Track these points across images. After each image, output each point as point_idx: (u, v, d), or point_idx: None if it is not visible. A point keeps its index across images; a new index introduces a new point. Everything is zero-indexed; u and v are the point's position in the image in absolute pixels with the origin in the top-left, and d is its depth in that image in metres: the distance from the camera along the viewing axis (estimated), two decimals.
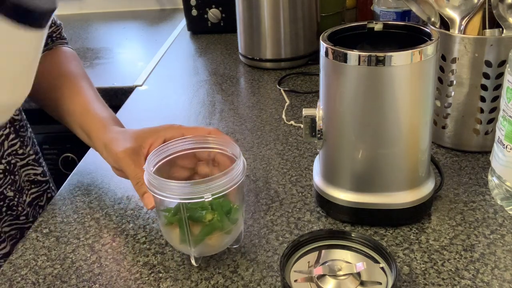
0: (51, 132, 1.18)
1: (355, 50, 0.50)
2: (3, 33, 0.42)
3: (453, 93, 0.69)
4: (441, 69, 0.69)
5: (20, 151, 0.76)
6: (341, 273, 0.47)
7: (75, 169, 0.77)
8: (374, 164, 0.55)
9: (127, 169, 0.58)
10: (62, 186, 0.72)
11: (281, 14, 1.06)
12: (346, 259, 0.49)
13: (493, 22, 0.67)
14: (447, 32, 0.68)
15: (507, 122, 0.56)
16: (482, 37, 0.66)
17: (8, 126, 0.73)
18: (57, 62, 0.79)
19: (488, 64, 0.65)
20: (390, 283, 0.46)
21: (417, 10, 0.70)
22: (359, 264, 0.47)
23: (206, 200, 0.49)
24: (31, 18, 0.43)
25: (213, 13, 1.36)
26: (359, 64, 0.50)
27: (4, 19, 0.41)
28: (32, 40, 0.46)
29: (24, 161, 0.77)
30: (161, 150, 0.55)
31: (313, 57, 1.12)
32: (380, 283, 0.47)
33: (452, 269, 0.52)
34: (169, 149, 0.56)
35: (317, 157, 0.63)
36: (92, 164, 0.77)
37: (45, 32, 0.46)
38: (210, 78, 1.08)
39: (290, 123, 0.85)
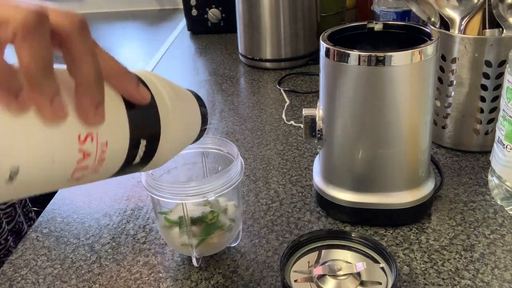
0: None
1: (355, 50, 0.50)
2: None
3: (453, 93, 0.69)
4: (441, 69, 0.69)
5: None
6: (341, 273, 0.47)
7: None
8: (374, 164, 0.55)
9: None
10: None
11: (281, 14, 1.06)
12: (346, 259, 0.49)
13: (493, 22, 0.67)
14: (447, 32, 0.68)
15: (507, 122, 0.56)
16: (482, 37, 0.66)
17: None
18: None
19: (488, 64, 0.65)
20: (390, 283, 0.46)
21: (417, 10, 0.70)
22: (359, 264, 0.47)
23: (210, 199, 0.49)
24: None
25: (213, 13, 1.36)
26: (359, 64, 0.50)
27: None
28: None
29: None
30: None
31: (313, 57, 1.12)
32: (380, 283, 0.47)
33: (452, 269, 0.52)
34: None
35: (317, 157, 0.63)
36: None
37: None
38: (210, 78, 1.08)
39: (290, 123, 0.85)
